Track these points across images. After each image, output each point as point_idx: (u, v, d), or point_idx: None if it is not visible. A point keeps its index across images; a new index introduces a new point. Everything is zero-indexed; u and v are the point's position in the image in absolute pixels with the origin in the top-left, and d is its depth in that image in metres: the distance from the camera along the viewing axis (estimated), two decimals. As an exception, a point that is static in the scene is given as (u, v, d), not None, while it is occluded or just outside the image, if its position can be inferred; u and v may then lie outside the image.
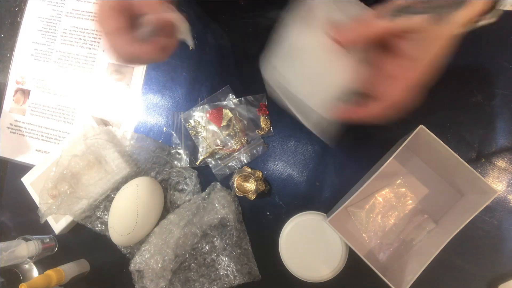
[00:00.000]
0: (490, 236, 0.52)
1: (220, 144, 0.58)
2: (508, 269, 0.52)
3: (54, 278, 0.52)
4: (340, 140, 0.56)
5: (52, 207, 0.56)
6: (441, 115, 0.54)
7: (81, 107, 0.63)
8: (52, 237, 0.61)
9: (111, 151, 0.57)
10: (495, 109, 0.53)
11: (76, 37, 0.64)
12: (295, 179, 0.57)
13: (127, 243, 0.55)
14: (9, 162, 0.64)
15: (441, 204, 0.52)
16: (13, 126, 0.65)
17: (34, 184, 0.60)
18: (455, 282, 0.53)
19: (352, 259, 0.52)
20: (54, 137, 0.64)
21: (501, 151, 0.53)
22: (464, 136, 0.53)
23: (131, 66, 0.62)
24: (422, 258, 0.45)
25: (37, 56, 0.65)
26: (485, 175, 0.53)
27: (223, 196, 0.55)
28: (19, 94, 0.65)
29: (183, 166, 0.58)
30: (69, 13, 0.65)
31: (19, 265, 0.60)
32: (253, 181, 0.55)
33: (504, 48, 0.54)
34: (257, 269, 0.55)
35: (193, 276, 0.55)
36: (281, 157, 0.57)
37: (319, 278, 0.52)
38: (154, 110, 0.61)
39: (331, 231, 0.52)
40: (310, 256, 0.53)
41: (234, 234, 0.55)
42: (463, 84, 0.54)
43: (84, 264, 0.60)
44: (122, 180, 0.57)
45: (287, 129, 0.57)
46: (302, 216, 0.54)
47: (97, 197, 0.57)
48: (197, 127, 0.58)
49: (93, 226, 0.58)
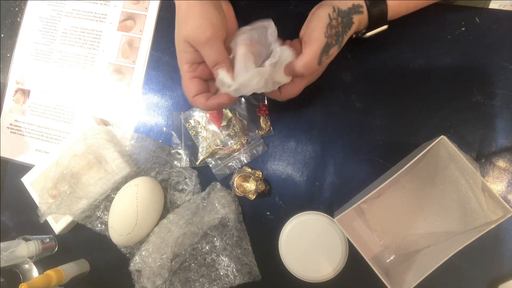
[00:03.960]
0: (490, 236, 0.52)
1: (220, 144, 0.58)
2: (508, 269, 0.52)
3: (54, 278, 0.52)
4: (340, 140, 0.56)
5: (52, 207, 0.56)
6: (441, 115, 0.54)
7: (81, 107, 0.63)
8: (52, 237, 0.61)
9: (111, 151, 0.57)
10: (495, 109, 0.53)
11: (76, 37, 0.64)
12: (295, 179, 0.57)
13: (127, 243, 0.55)
14: (9, 162, 0.64)
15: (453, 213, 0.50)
16: (13, 126, 0.65)
17: (34, 184, 0.60)
18: (455, 282, 0.53)
19: (352, 259, 0.52)
20: (54, 137, 0.64)
21: (501, 151, 0.53)
22: (464, 136, 0.54)
23: (131, 66, 0.62)
24: (427, 264, 0.45)
25: (37, 56, 0.65)
26: (485, 175, 0.53)
27: (223, 196, 0.55)
28: (19, 94, 0.65)
29: (183, 166, 0.58)
30: (69, 13, 0.65)
31: (19, 265, 0.60)
32: (253, 181, 0.55)
33: (504, 48, 0.54)
34: (257, 269, 0.55)
35: (193, 276, 0.55)
36: (281, 157, 0.57)
37: (319, 278, 0.52)
38: (154, 110, 0.61)
39: (331, 231, 0.53)
40: (310, 256, 0.53)
41: (234, 234, 0.55)
42: (463, 84, 0.54)
43: (84, 264, 0.60)
44: (122, 180, 0.57)
45: (287, 129, 0.57)
46: (302, 216, 0.54)
47: (97, 197, 0.57)
48: (197, 127, 0.58)
49: (93, 226, 0.58)
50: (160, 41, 0.62)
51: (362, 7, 0.46)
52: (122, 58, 0.63)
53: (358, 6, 0.46)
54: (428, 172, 0.51)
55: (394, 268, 0.51)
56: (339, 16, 0.45)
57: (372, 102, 0.56)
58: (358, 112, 0.56)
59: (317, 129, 0.57)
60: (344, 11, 0.45)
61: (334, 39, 0.45)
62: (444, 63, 0.54)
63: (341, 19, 0.45)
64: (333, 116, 0.56)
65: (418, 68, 0.55)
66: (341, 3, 0.46)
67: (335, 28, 0.45)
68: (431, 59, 0.55)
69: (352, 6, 0.46)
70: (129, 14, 0.63)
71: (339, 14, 0.45)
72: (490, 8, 0.55)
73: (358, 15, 0.46)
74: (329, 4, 0.46)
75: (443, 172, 0.49)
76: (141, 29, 0.63)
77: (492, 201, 0.45)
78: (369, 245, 0.54)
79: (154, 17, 0.62)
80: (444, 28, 0.55)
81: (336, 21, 0.45)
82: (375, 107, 0.55)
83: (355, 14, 0.46)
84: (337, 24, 0.45)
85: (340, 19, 0.45)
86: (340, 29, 0.45)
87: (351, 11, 0.46)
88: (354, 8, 0.46)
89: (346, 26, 0.46)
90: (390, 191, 0.53)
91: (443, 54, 0.54)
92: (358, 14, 0.46)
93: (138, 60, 0.62)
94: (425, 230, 0.52)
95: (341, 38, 0.46)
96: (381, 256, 0.53)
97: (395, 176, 0.44)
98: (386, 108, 0.55)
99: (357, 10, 0.46)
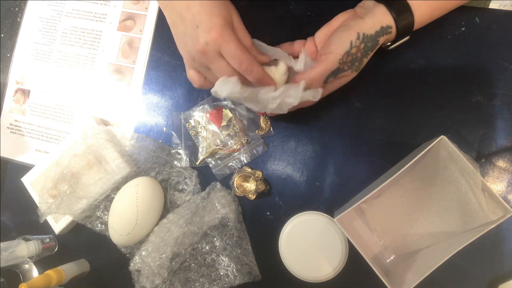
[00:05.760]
0: (490, 236, 0.52)
1: (220, 144, 0.58)
2: (508, 269, 0.52)
3: (54, 278, 0.52)
4: (340, 140, 0.56)
5: (52, 207, 0.56)
6: (441, 115, 0.54)
7: (81, 107, 0.63)
8: (52, 237, 0.61)
9: (111, 151, 0.57)
10: (495, 109, 0.53)
11: (76, 37, 0.64)
12: (295, 179, 0.57)
13: (127, 243, 0.55)
14: (9, 162, 0.64)
15: (453, 213, 0.50)
16: (13, 126, 0.65)
17: (34, 184, 0.60)
18: (455, 282, 0.53)
19: (352, 259, 0.52)
20: (54, 137, 0.64)
21: (501, 151, 0.53)
22: (464, 136, 0.53)
23: (131, 66, 0.62)
24: (427, 264, 0.45)
25: (37, 56, 0.65)
26: (485, 175, 0.53)
27: (223, 196, 0.55)
28: (19, 94, 0.65)
29: (183, 166, 0.58)
30: (69, 13, 0.65)
31: (19, 265, 0.60)
32: (253, 181, 0.55)
33: (504, 48, 0.54)
34: (257, 269, 0.55)
35: (193, 276, 0.55)
36: (281, 157, 0.57)
37: (319, 278, 0.52)
38: (154, 110, 0.61)
39: (331, 231, 0.53)
40: (310, 256, 0.53)
41: (234, 234, 0.55)
42: (463, 84, 0.54)
43: (84, 264, 0.60)
44: (122, 180, 0.57)
45: (287, 129, 0.57)
46: (302, 216, 0.54)
47: (97, 197, 0.57)
48: (197, 127, 0.58)
49: (93, 226, 0.58)
50: (160, 41, 0.62)
51: (391, 27, 0.44)
52: (122, 58, 0.63)
53: (387, 28, 0.44)
54: (428, 172, 0.51)
55: (394, 268, 0.51)
56: (363, 43, 0.44)
57: (372, 102, 0.56)
58: (358, 112, 0.56)
59: (317, 129, 0.57)
60: (371, 35, 0.44)
61: (348, 65, 0.45)
62: (444, 63, 0.54)
63: (364, 45, 0.44)
64: (333, 116, 0.56)
65: (418, 68, 0.55)
66: (368, 27, 0.44)
67: (352, 56, 0.44)
68: (431, 59, 0.55)
69: (380, 29, 0.44)
70: (129, 14, 0.63)
71: (363, 40, 0.44)
72: (490, 8, 0.55)
73: (386, 36, 0.45)
74: (355, 28, 0.44)
75: (443, 172, 0.49)
76: (141, 29, 0.63)
77: (492, 201, 0.45)
78: (369, 245, 0.54)
79: (154, 17, 0.62)
80: (444, 28, 0.55)
81: (357, 49, 0.44)
82: (375, 107, 0.55)
83: (383, 36, 0.45)
84: (357, 51, 0.44)
85: (362, 46, 0.44)
86: (359, 55, 0.45)
87: (378, 34, 0.44)
88: (383, 30, 0.44)
89: (369, 50, 0.45)
90: (390, 191, 0.53)
91: (443, 54, 0.54)
92: (387, 35, 0.45)
93: (138, 60, 0.62)
94: (425, 230, 0.52)
95: (357, 63, 0.46)
96: (381, 256, 0.53)
97: (395, 176, 0.44)
98: (386, 108, 0.55)
99: (386, 32, 0.45)
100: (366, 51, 0.45)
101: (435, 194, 0.51)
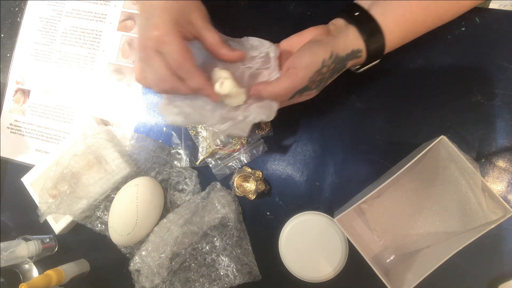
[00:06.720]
0: (490, 236, 0.52)
1: (220, 144, 0.58)
2: (508, 269, 0.52)
3: (54, 278, 0.52)
4: (340, 140, 0.56)
5: (52, 207, 0.56)
6: (441, 115, 0.54)
7: (81, 107, 0.63)
8: (52, 237, 0.61)
9: (111, 151, 0.57)
10: (495, 109, 0.53)
11: (76, 37, 0.64)
12: (295, 179, 0.57)
13: (127, 243, 0.55)
14: (9, 162, 0.64)
15: (453, 213, 0.50)
16: (13, 126, 0.65)
17: (34, 184, 0.60)
18: (455, 282, 0.53)
19: (352, 259, 0.52)
20: (54, 137, 0.64)
21: (501, 151, 0.53)
22: (464, 136, 0.54)
23: (131, 66, 0.62)
24: (427, 264, 0.45)
25: (37, 56, 0.65)
26: (485, 175, 0.53)
27: (223, 196, 0.55)
28: (19, 94, 0.65)
29: (183, 166, 0.58)
30: (69, 13, 0.65)
31: (19, 265, 0.60)
32: (253, 181, 0.55)
33: (504, 48, 0.54)
34: (257, 269, 0.55)
35: (193, 276, 0.55)
36: (281, 157, 0.57)
37: (319, 278, 0.52)
38: (154, 110, 0.61)
39: (331, 231, 0.52)
40: (310, 256, 0.53)
41: (234, 234, 0.55)
42: (463, 84, 0.54)
43: (84, 264, 0.60)
44: (122, 180, 0.57)
45: (287, 129, 0.57)
46: (302, 216, 0.54)
47: (97, 197, 0.57)
48: (197, 127, 0.58)
49: (93, 226, 0.58)
50: (160, 41, 0.62)
51: (361, 51, 0.43)
52: (122, 58, 0.63)
53: (357, 52, 0.43)
54: (428, 172, 0.51)
55: (394, 268, 0.51)
56: (333, 63, 0.42)
57: (372, 102, 0.56)
58: (358, 112, 0.56)
59: (317, 129, 0.57)
60: (341, 57, 0.43)
61: (315, 84, 0.43)
62: (444, 63, 0.54)
63: (334, 66, 0.43)
64: (333, 116, 0.56)
65: (418, 68, 0.55)
66: (341, 48, 0.42)
67: (322, 75, 0.43)
68: (431, 59, 0.55)
69: (351, 52, 0.43)
70: (129, 14, 0.63)
71: (334, 61, 0.42)
72: (490, 8, 0.55)
73: (355, 60, 0.44)
74: (329, 46, 0.42)
75: (443, 172, 0.49)
76: (141, 29, 0.63)
77: (492, 201, 0.45)
78: (369, 245, 0.54)
79: (154, 17, 0.62)
80: (444, 28, 0.55)
81: (327, 68, 0.42)
82: (375, 107, 0.55)
83: (352, 59, 0.44)
84: (327, 71, 0.43)
85: (332, 66, 0.43)
86: (328, 75, 0.43)
87: (348, 57, 0.43)
88: (353, 53, 0.43)
89: (336, 72, 0.44)
90: (390, 191, 0.53)
91: (443, 54, 0.54)
92: (356, 59, 0.44)
93: (138, 60, 0.62)
94: (425, 230, 0.52)
95: (323, 83, 0.45)
96: (381, 256, 0.53)
97: (395, 176, 0.44)
98: (386, 108, 0.55)
99: (355, 55, 0.44)
100: (333, 73, 0.44)
101: (435, 194, 0.51)
